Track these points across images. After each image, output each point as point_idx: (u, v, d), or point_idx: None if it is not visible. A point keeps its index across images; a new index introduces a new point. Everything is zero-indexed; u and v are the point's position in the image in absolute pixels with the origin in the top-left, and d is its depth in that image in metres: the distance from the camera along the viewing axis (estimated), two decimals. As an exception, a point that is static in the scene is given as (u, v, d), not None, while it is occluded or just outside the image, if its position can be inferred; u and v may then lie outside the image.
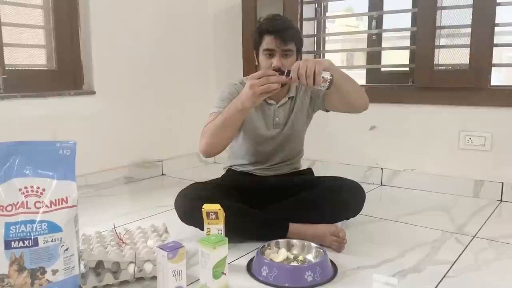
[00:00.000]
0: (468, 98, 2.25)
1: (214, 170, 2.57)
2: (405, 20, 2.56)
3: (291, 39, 1.61)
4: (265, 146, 1.78)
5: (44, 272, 1.16)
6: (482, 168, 2.26)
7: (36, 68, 2.32)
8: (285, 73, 1.47)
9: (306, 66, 1.42)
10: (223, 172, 1.92)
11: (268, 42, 1.61)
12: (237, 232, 1.53)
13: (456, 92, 2.26)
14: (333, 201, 1.63)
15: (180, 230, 1.64)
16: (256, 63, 1.71)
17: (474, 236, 1.73)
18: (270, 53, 1.61)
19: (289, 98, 1.75)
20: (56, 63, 2.35)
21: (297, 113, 1.77)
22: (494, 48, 2.17)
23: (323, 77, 1.43)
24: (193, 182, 1.76)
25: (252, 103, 1.47)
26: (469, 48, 2.19)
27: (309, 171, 1.95)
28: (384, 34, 2.72)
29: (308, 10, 2.72)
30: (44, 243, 1.15)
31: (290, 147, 1.82)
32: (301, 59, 1.67)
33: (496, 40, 2.16)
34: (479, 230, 1.80)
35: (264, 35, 1.62)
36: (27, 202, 1.16)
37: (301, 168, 1.92)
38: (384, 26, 2.64)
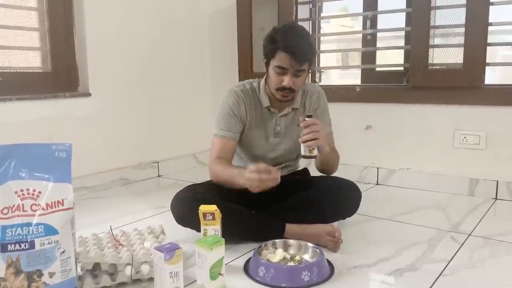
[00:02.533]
0: (462, 97, 2.26)
1: (210, 171, 2.58)
2: (400, 20, 2.58)
3: (306, 59, 1.56)
4: (264, 153, 1.77)
5: (41, 275, 1.15)
6: (477, 166, 2.27)
7: (31, 71, 2.32)
8: (306, 116, 1.54)
9: (318, 133, 1.49)
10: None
11: (282, 59, 1.55)
12: (233, 233, 1.54)
13: (450, 91, 2.28)
14: (329, 201, 1.63)
15: (177, 232, 1.64)
16: (265, 70, 1.67)
17: (470, 234, 1.74)
18: (283, 72, 1.57)
19: (292, 109, 1.74)
20: (51, 65, 2.35)
21: (296, 126, 1.74)
22: (488, 47, 2.18)
23: (313, 148, 1.51)
24: (189, 183, 1.76)
25: (252, 190, 1.46)
26: (463, 48, 2.20)
27: (305, 171, 1.95)
28: (379, 34, 2.73)
29: (303, 11, 2.73)
30: (40, 245, 1.15)
31: (289, 154, 1.82)
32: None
33: (490, 39, 2.17)
34: (475, 228, 1.81)
35: (279, 50, 1.55)
36: (23, 205, 1.16)
37: (297, 169, 1.92)
38: (379, 26, 2.65)
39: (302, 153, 1.53)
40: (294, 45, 1.53)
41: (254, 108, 1.71)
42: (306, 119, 1.53)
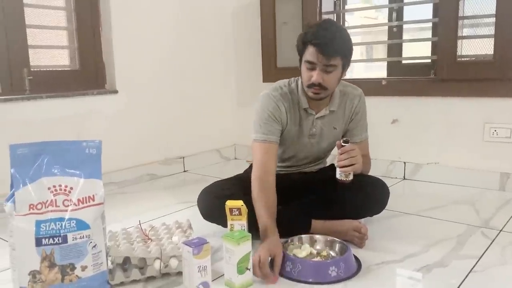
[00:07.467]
0: (492, 90, 2.20)
1: (235, 166, 2.60)
2: (427, 11, 2.52)
3: (336, 53, 1.49)
4: (297, 153, 1.76)
5: (73, 268, 1.19)
6: (508, 160, 2.21)
7: (60, 69, 2.37)
8: (343, 140, 1.51)
9: (355, 159, 1.48)
10: (246, 165, 1.91)
11: (310, 53, 1.51)
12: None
13: (480, 83, 2.22)
14: (356, 199, 1.62)
15: (204, 226, 1.66)
16: (299, 69, 1.63)
17: (501, 230, 1.70)
18: (312, 67, 1.53)
19: (329, 111, 1.69)
20: (79, 63, 2.40)
21: (333, 129, 1.73)
22: (520, 38, 2.12)
23: (349, 173, 1.51)
24: (214, 178, 1.77)
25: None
26: (493, 38, 2.14)
27: (331, 167, 1.93)
28: (405, 26, 2.68)
29: (327, 4, 2.70)
30: (73, 240, 1.18)
31: (321, 154, 1.81)
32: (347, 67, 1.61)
33: (522, 29, 2.11)
34: (506, 223, 1.77)
35: (307, 45, 1.51)
36: (56, 200, 1.19)
37: (325, 165, 1.91)
38: (405, 18, 2.60)
39: (338, 177, 1.52)
40: (322, 37, 1.48)
41: (293, 110, 1.67)
42: (343, 144, 1.51)
